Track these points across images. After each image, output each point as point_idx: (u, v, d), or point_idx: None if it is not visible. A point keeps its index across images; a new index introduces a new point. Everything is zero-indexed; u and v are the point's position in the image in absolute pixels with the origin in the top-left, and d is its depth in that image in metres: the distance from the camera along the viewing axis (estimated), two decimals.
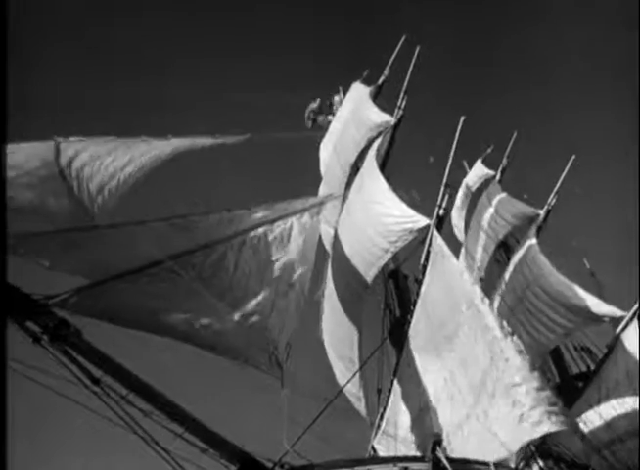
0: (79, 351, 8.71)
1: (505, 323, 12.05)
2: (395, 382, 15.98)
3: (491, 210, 25.34)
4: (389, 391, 16.57)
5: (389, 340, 17.28)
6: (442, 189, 14.63)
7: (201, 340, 11.54)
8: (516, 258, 20.96)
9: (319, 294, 19.28)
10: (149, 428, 9.22)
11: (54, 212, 9.91)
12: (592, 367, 20.41)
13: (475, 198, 27.43)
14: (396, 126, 19.33)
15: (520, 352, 11.52)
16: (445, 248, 13.74)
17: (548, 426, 10.59)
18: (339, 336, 18.65)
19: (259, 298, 12.70)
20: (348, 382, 16.98)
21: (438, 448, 10.04)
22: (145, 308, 10.98)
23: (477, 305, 12.44)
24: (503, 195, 25.60)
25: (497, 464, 10.33)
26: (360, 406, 18.62)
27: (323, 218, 21.75)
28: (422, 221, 14.65)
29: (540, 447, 14.73)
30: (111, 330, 10.16)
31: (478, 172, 28.56)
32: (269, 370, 12.54)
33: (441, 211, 14.40)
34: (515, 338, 11.79)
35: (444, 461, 9.94)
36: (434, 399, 13.47)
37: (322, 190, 22.31)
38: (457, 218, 28.21)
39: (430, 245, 14.31)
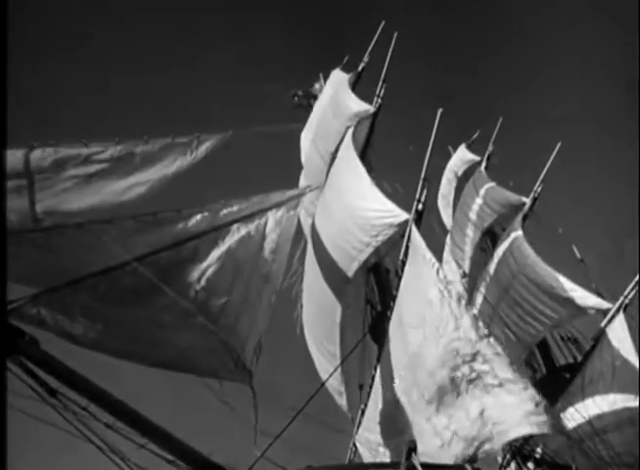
0: (35, 361, 8.41)
1: (482, 324, 11.88)
2: (377, 378, 15.86)
3: (477, 198, 25.12)
4: (370, 387, 16.44)
5: (370, 335, 17.08)
6: (421, 183, 14.36)
7: (160, 360, 11.17)
8: (501, 249, 20.77)
9: (298, 287, 19.09)
10: (112, 440, 8.97)
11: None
12: (579, 358, 20.32)
13: (460, 183, 27.23)
14: (376, 115, 18.99)
15: (497, 353, 11.35)
16: (422, 245, 13.50)
17: (529, 428, 10.44)
18: (319, 330, 18.44)
19: (231, 295, 12.44)
20: (327, 379, 16.77)
21: (413, 455, 9.78)
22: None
23: (450, 306, 12.25)
24: (489, 182, 25.38)
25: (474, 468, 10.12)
26: (342, 402, 18.45)
27: (304, 209, 21.61)
28: (402, 216, 14.37)
29: (521, 449, 14.60)
30: None
31: (462, 157, 28.33)
32: (234, 377, 12.23)
33: (420, 206, 14.14)
34: (492, 340, 11.60)
35: (419, 468, 9.71)
36: (405, 398, 13.38)
37: (303, 181, 22.02)
38: (442, 205, 28.02)
39: (409, 240, 14.08)
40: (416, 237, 13.75)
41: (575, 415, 16.04)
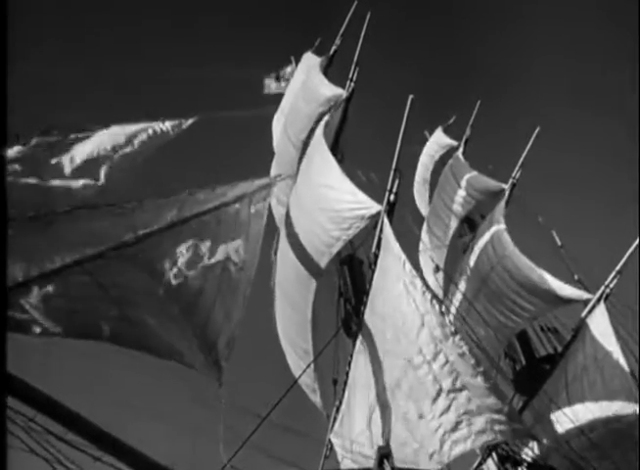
0: None
1: (448, 321, 11.59)
2: (351, 374, 15.59)
3: (455, 184, 24.83)
4: (345, 383, 16.16)
5: (344, 330, 16.74)
6: (392, 174, 13.98)
7: (130, 338, 10.80)
8: (482, 241, 20.49)
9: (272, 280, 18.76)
10: (64, 452, 8.53)
11: None
12: (559, 349, 20.12)
13: (437, 168, 26.93)
14: (348, 100, 18.53)
15: (462, 354, 11.06)
16: (392, 238, 13.18)
17: (491, 436, 10.18)
18: (291, 325, 18.07)
19: (203, 287, 12.09)
20: (299, 377, 16.44)
21: (386, 462, 9.47)
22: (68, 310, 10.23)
23: (416, 301, 11.99)
24: (467, 168, 25.08)
25: None
26: (316, 399, 18.15)
27: (276, 198, 21.24)
28: (374, 208, 14.01)
29: (498, 450, 14.37)
30: None
31: (438, 141, 27.98)
32: (206, 371, 11.95)
33: (392, 197, 13.78)
34: (457, 339, 11.30)
35: None
36: (378, 398, 13.15)
37: (274, 169, 21.60)
38: (418, 192, 27.73)
39: (381, 232, 13.74)
40: (386, 229, 13.41)
41: (561, 417, 15.82)
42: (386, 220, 13.49)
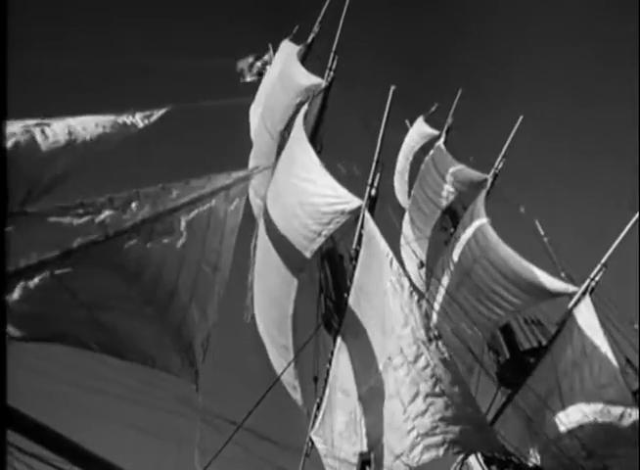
0: None
1: (432, 325, 11.35)
2: (332, 371, 15.35)
3: (436, 175, 24.55)
4: (325, 381, 15.92)
5: (324, 325, 16.45)
6: (374, 166, 13.64)
7: (99, 342, 10.43)
8: (465, 236, 20.24)
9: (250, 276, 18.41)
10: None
11: None
12: (544, 342, 19.99)
13: (417, 159, 26.61)
14: (328, 89, 18.10)
15: (444, 360, 10.81)
16: (377, 234, 12.86)
17: (464, 446, 9.97)
18: (271, 322, 17.72)
19: (176, 287, 11.71)
20: (278, 379, 16.14)
21: (367, 469, 9.18)
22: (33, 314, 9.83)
23: (402, 301, 11.73)
24: (449, 158, 24.79)
25: None
26: (296, 396, 17.86)
27: (254, 190, 20.85)
28: (354, 202, 13.65)
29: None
30: None
31: (419, 131, 27.61)
32: (181, 374, 11.64)
33: (373, 191, 13.45)
34: (441, 343, 11.03)
35: None
36: (359, 397, 12.95)
37: (252, 161, 21.16)
38: (398, 183, 27.42)
39: (362, 227, 13.42)
40: (370, 225, 13.10)
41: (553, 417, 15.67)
42: (368, 215, 13.17)
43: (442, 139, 26.06)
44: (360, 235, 13.57)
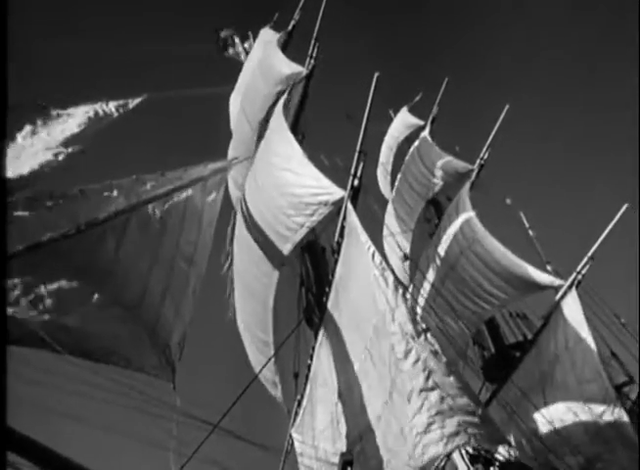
0: None
1: (419, 317, 11.02)
2: (313, 367, 15.03)
3: (421, 165, 24.24)
4: (306, 377, 15.60)
5: (305, 320, 16.09)
6: (356, 156, 13.26)
7: (68, 345, 10.02)
8: (451, 229, 19.95)
9: (228, 271, 18.03)
10: None
11: None
12: (529, 336, 19.77)
13: (401, 149, 26.27)
14: (309, 78, 17.69)
15: (434, 352, 10.47)
16: (358, 226, 12.51)
17: (465, 438, 9.63)
18: (251, 317, 17.35)
19: (149, 283, 11.32)
20: (257, 375, 15.81)
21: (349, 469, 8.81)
22: None
23: (386, 295, 11.35)
24: (434, 148, 24.47)
25: None
26: (276, 393, 17.52)
27: (233, 181, 20.47)
28: (337, 193, 13.31)
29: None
30: None
31: (404, 121, 27.26)
32: (158, 373, 11.30)
33: (356, 182, 13.09)
34: (430, 336, 10.70)
35: None
36: (340, 395, 12.64)
37: (231, 151, 20.74)
38: (382, 174, 27.09)
39: (344, 219, 13.06)
40: (352, 217, 12.74)
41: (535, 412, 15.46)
42: (350, 207, 12.81)
43: (428, 129, 25.71)
44: (342, 227, 13.18)
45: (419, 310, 18.91)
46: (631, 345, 17.05)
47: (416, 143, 25.09)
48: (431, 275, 19.93)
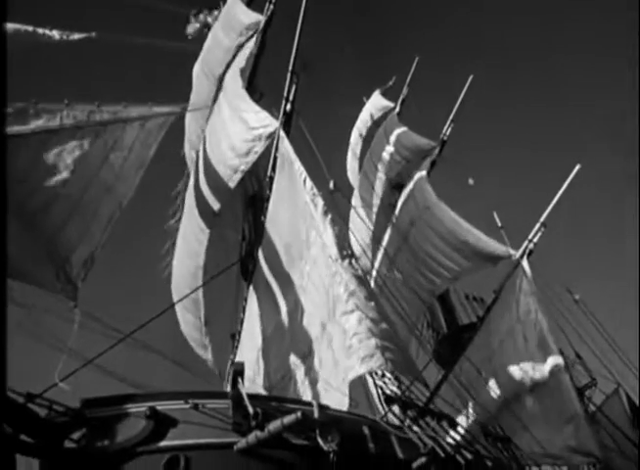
0: None
1: (346, 244, 10.55)
2: (246, 319, 14.48)
3: (387, 145, 23.57)
4: (239, 333, 14.90)
5: (241, 270, 15.34)
6: (288, 78, 12.62)
7: None
8: (404, 194, 19.32)
9: (173, 223, 17.36)
10: None
11: None
12: None
13: (371, 132, 25.60)
14: (267, 25, 17.02)
15: (357, 276, 10.00)
16: (291, 153, 11.90)
17: (379, 362, 8.99)
18: (183, 275, 16.66)
19: (58, 196, 10.90)
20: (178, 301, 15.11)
21: (240, 381, 7.99)
22: None
23: (316, 221, 11.03)
24: (400, 127, 23.83)
25: (322, 406, 8.40)
26: (207, 356, 16.79)
27: (189, 142, 19.92)
28: (273, 125, 12.72)
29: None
30: None
31: (375, 104, 26.59)
32: (58, 289, 10.70)
33: (288, 106, 12.45)
34: (354, 261, 10.27)
35: (245, 399, 7.96)
36: (278, 331, 12.26)
37: (191, 106, 20.15)
38: (351, 158, 26.40)
39: (277, 150, 12.41)
40: (284, 144, 12.11)
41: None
42: (282, 134, 12.19)
43: (397, 109, 25.11)
44: (275, 159, 12.52)
45: (373, 284, 18.11)
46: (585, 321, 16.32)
47: (383, 124, 24.46)
48: (386, 249, 19.30)
